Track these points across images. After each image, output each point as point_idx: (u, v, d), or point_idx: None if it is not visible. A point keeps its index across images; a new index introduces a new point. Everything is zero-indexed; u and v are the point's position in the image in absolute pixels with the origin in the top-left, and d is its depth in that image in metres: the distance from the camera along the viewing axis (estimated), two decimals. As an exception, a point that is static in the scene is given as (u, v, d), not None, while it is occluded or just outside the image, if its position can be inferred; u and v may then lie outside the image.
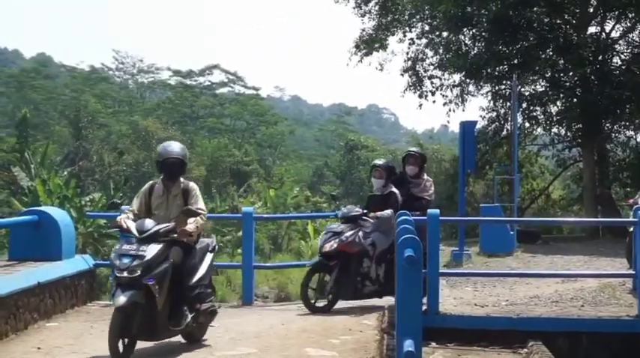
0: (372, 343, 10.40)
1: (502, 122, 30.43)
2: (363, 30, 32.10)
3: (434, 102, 31.43)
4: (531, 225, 24.93)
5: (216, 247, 10.50)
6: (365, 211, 13.16)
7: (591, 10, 28.28)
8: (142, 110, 74.26)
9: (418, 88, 31.19)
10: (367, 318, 12.20)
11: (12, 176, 43.92)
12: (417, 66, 31.40)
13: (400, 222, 9.51)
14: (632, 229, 14.54)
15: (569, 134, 29.91)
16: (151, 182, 10.18)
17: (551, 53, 27.73)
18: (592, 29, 28.60)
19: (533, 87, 29.95)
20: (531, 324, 11.12)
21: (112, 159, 60.10)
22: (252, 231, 14.74)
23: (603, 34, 28.70)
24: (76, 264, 12.91)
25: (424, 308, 10.39)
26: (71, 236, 13.08)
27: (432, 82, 31.16)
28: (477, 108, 31.31)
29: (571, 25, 28.28)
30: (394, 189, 13.12)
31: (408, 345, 6.61)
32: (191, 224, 9.55)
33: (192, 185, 10.05)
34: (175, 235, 9.46)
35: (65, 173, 45.63)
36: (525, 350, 10.56)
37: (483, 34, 28.04)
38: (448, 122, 63.53)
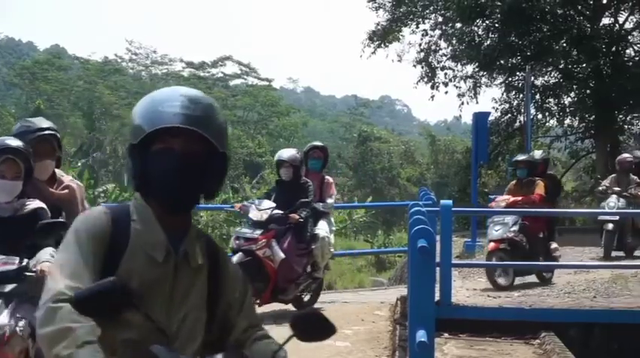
0: (385, 333, 10.45)
1: (515, 114, 30.37)
2: (378, 23, 32.08)
3: (446, 93, 31.38)
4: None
5: None
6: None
7: (605, 1, 28.17)
8: (155, 102, 74.29)
9: (431, 79, 31.13)
10: (380, 309, 12.26)
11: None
12: (430, 57, 31.34)
13: (413, 213, 9.55)
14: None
15: (582, 125, 29.82)
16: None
17: (564, 44, 27.65)
18: (606, 20, 28.51)
19: (546, 78, 29.87)
20: (543, 315, 11.14)
21: (126, 150, 60.25)
22: None
23: (617, 25, 28.60)
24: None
25: (437, 298, 10.43)
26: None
27: (445, 74, 31.11)
28: (490, 99, 31.34)
29: (585, 16, 28.19)
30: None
31: (421, 336, 6.66)
32: None
33: None
34: None
35: (79, 164, 45.72)
36: (538, 340, 10.58)
37: (496, 25, 27.97)
38: (461, 114, 63.70)
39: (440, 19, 30.93)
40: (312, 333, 3.10)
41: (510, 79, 29.77)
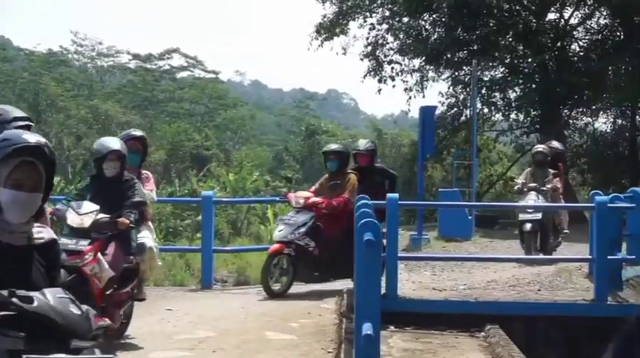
0: (331, 327, 10.44)
1: (461, 108, 30.52)
2: (324, 16, 32.00)
3: (393, 87, 31.43)
4: (489, 210, 25.11)
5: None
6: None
7: (550, -4, 28.44)
8: (101, 94, 73.67)
9: (378, 73, 31.15)
10: (326, 302, 12.24)
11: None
12: (378, 51, 31.34)
13: (359, 206, 9.54)
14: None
15: (527, 120, 30.06)
16: None
17: (510, 39, 27.87)
18: (551, 16, 28.78)
19: (492, 73, 30.08)
20: (489, 308, 11.21)
21: (71, 143, 59.65)
22: (211, 215, 14.76)
23: (562, 20, 28.87)
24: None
25: (383, 292, 10.44)
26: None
27: (392, 68, 31.15)
28: (437, 93, 31.32)
29: (530, 11, 28.41)
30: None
31: (367, 329, 6.63)
32: None
33: None
34: None
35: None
36: (483, 333, 10.64)
37: (443, 19, 28.09)
38: (408, 108, 63.86)
39: (387, 12, 30.95)
40: None
41: (457, 73, 29.91)
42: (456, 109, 30.72)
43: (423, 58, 29.07)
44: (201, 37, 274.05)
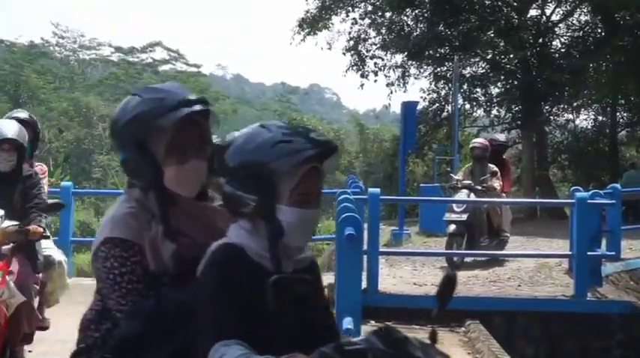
0: (312, 321, 10.44)
1: (443, 103, 30.58)
2: (307, 11, 31.94)
3: (375, 82, 31.45)
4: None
5: None
6: None
7: (532, -8, 28.51)
8: (83, 86, 73.46)
9: (360, 68, 31.14)
10: (307, 297, 12.24)
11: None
12: (360, 46, 31.33)
13: (340, 201, 9.56)
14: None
15: (508, 116, 30.11)
16: None
17: (492, 35, 27.89)
18: (533, 12, 28.82)
19: (474, 69, 30.12)
20: (469, 303, 11.22)
21: (53, 135, 59.43)
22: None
23: (544, 17, 28.94)
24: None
25: (364, 286, 10.45)
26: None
27: (374, 63, 31.15)
28: (419, 89, 31.45)
29: (512, 7, 28.45)
30: None
31: (347, 323, 6.67)
32: None
33: None
34: None
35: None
36: (463, 328, 10.68)
37: (425, 15, 28.10)
38: (390, 103, 63.91)
39: (369, 7, 30.93)
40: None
41: (439, 69, 29.94)
42: (437, 105, 30.79)
43: (405, 53, 29.07)
44: (183, 31, 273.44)
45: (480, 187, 14.46)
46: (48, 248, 7.87)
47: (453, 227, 14.13)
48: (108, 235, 3.10)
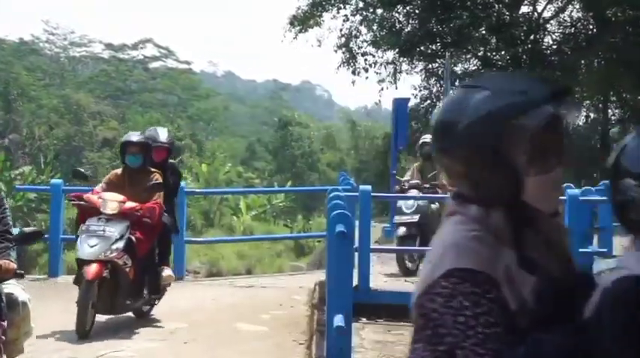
0: (303, 318, 10.44)
1: (434, 100, 30.59)
2: (299, 8, 31.93)
3: (367, 78, 31.47)
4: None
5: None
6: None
7: (524, -11, 28.56)
8: (73, 83, 73.35)
9: (352, 64, 31.16)
10: (298, 293, 12.23)
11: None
12: (351, 43, 31.35)
13: (332, 198, 9.52)
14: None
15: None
16: None
17: (483, 32, 27.94)
18: (524, 9, 28.91)
19: (465, 65, 30.19)
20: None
21: (43, 132, 59.33)
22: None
23: (535, 13, 28.99)
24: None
25: (355, 283, 10.43)
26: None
27: (365, 59, 31.17)
28: (410, 86, 31.46)
29: (504, 4, 28.49)
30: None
31: (339, 320, 6.63)
32: None
33: None
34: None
35: (-5, 146, 44.97)
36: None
37: (417, 11, 28.13)
38: (381, 100, 64.20)
39: (360, 4, 30.94)
40: None
41: (430, 65, 29.97)
42: (429, 102, 30.80)
43: (397, 50, 29.08)
44: (175, 29, 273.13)
45: (428, 185, 13.69)
46: (9, 284, 6.22)
47: (403, 230, 13.40)
48: (453, 266, 2.42)
